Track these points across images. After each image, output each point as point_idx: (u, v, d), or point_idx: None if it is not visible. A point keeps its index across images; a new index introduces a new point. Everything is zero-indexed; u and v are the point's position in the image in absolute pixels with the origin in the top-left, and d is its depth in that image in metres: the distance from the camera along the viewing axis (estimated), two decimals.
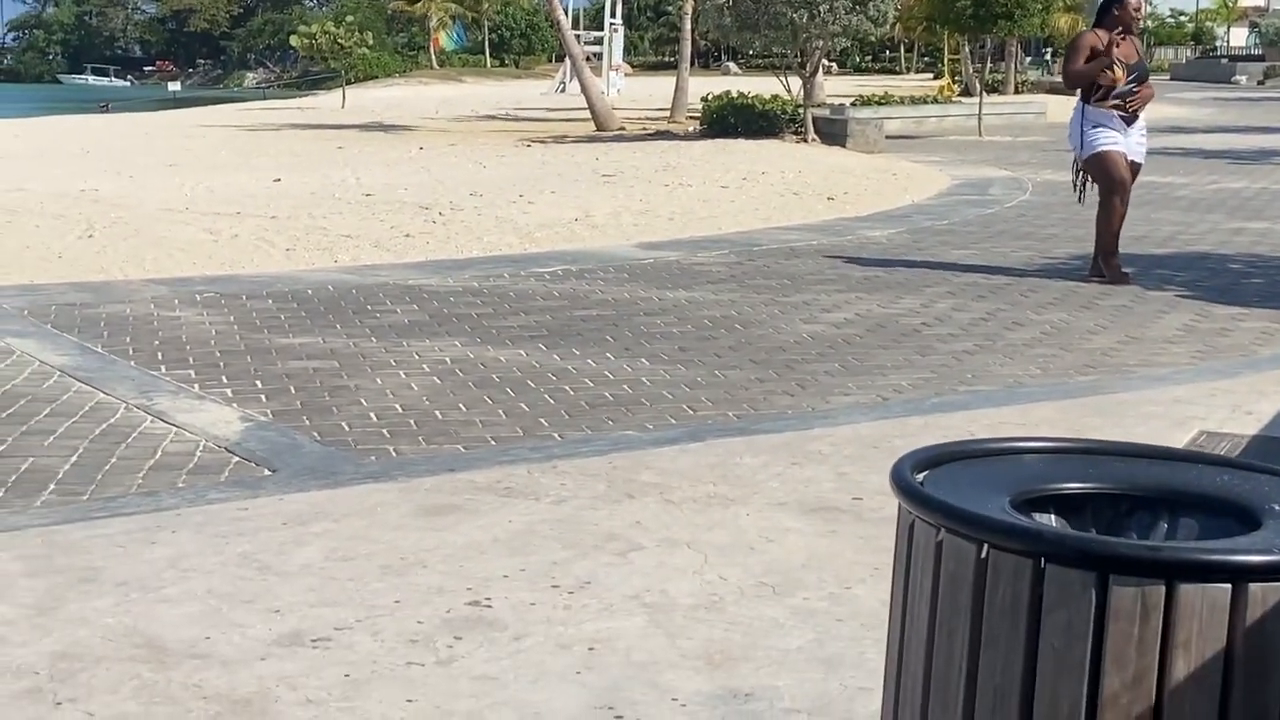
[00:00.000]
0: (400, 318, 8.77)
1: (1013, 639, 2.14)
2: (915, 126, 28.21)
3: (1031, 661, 2.13)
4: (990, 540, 2.16)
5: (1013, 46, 44.70)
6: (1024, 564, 2.13)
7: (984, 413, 6.42)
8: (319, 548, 4.54)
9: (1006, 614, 2.15)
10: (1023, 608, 2.13)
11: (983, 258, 11.36)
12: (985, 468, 2.46)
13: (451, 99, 48.16)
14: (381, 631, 3.88)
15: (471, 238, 12.51)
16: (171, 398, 6.73)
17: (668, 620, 3.98)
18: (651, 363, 7.57)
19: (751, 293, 9.72)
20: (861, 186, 16.84)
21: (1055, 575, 2.10)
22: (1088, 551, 2.11)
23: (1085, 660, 2.08)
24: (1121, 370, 7.44)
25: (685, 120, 29.91)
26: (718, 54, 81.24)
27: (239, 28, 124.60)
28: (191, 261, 11.00)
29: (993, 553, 2.16)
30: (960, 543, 2.20)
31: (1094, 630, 2.08)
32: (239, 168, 20.29)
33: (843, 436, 5.98)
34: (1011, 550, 2.14)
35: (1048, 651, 2.11)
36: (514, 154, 22.92)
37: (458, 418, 6.44)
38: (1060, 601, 2.10)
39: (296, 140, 27.58)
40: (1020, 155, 22.18)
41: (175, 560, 4.40)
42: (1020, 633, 2.13)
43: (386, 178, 18.22)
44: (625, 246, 12.09)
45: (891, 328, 8.53)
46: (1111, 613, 2.06)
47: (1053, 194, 16.39)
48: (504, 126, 31.65)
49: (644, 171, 18.42)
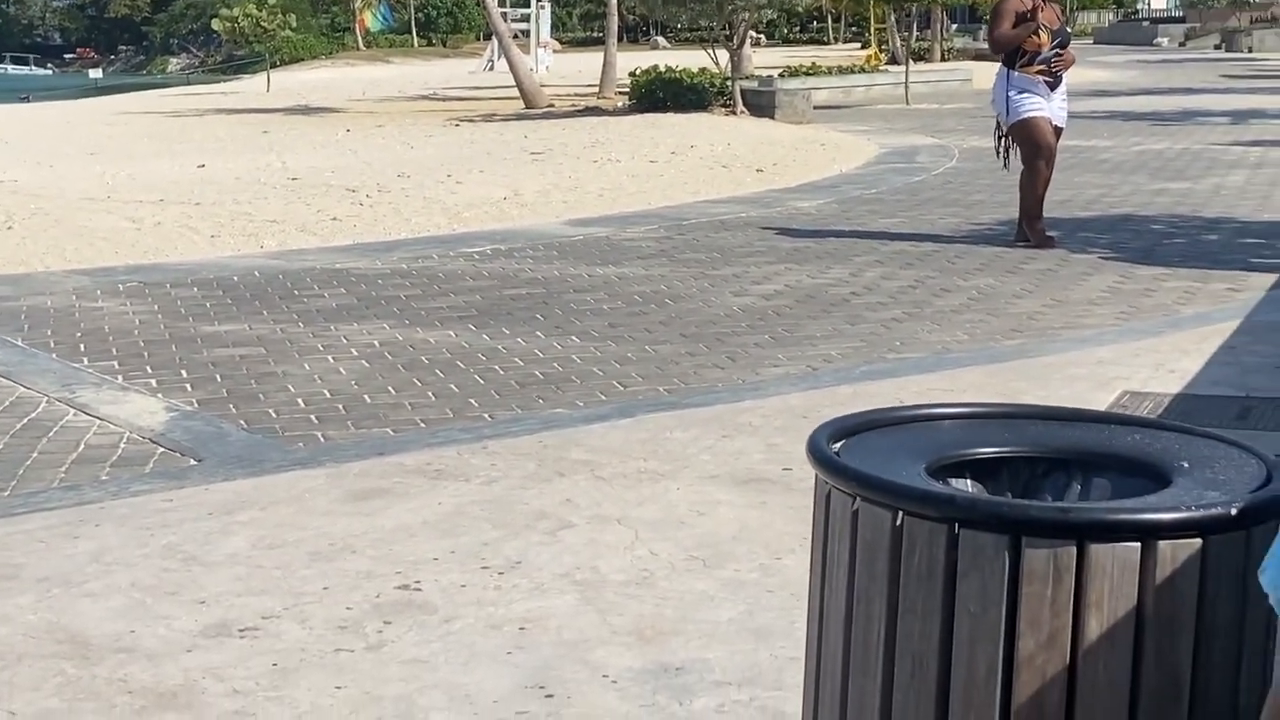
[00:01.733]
0: (328, 302, 8.70)
1: (929, 605, 2.15)
2: (843, 96, 28.27)
3: (948, 626, 2.14)
4: (905, 507, 2.17)
5: (938, 14, 44.87)
6: (938, 530, 2.14)
7: (912, 379, 6.45)
8: (246, 537, 4.50)
9: (922, 580, 2.15)
10: (938, 573, 2.14)
11: (910, 225, 11.41)
12: (901, 435, 2.47)
13: (379, 80, 47.80)
14: (310, 619, 3.85)
15: (399, 219, 12.43)
16: (95, 390, 6.65)
17: (599, 597, 3.97)
18: (582, 340, 7.55)
19: (681, 267, 9.72)
20: (790, 158, 16.86)
21: (969, 540, 2.11)
22: (1000, 515, 2.13)
23: (1000, 623, 2.10)
24: (1047, 333, 7.49)
25: (614, 96, 29.83)
26: (646, 28, 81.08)
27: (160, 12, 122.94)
28: (114, 251, 10.86)
29: (907, 520, 2.17)
30: (876, 510, 2.20)
31: (1008, 593, 2.09)
32: (162, 154, 20.05)
33: (773, 408, 5.99)
34: (926, 517, 2.15)
35: (964, 616, 2.13)
36: (442, 134, 22.79)
37: (387, 401, 6.40)
38: (974, 566, 2.11)
39: (221, 125, 27.30)
40: (947, 122, 22.28)
41: (98, 554, 4.35)
42: (936, 598, 2.14)
43: (313, 161, 18.06)
44: (554, 224, 12.05)
45: (821, 298, 8.55)
46: (1025, 575, 2.07)
47: (979, 160, 16.46)
48: (432, 106, 31.45)
49: (573, 148, 18.36)
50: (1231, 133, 19.05)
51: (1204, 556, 2.05)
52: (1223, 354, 6.74)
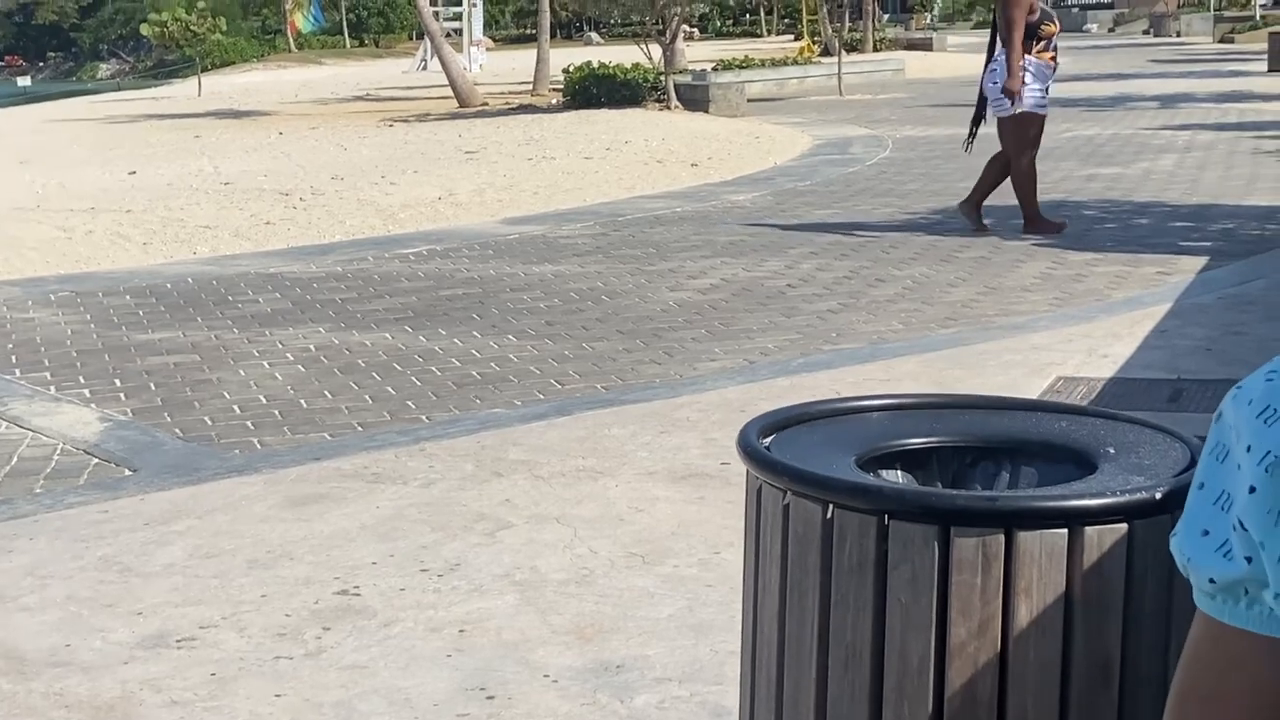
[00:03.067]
0: (263, 307, 8.65)
1: (861, 596, 2.16)
2: (777, 89, 28.36)
3: (880, 617, 2.15)
4: (835, 500, 2.18)
5: (870, 5, 45.06)
6: (868, 521, 2.15)
7: (849, 370, 6.48)
8: (182, 546, 4.47)
9: (854, 572, 2.17)
10: (869, 564, 2.15)
11: (845, 216, 11.46)
12: (831, 428, 2.48)
13: (311, 82, 47.49)
14: (248, 627, 3.83)
15: (334, 222, 12.37)
16: (27, 401, 6.58)
17: (538, 597, 3.97)
18: (519, 339, 7.54)
19: (617, 263, 9.72)
20: (725, 151, 16.90)
21: (899, 531, 2.13)
22: (928, 506, 2.14)
23: (931, 612, 2.11)
24: (981, 321, 7.55)
25: (548, 93, 29.77)
26: (580, 25, 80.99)
27: (89, 18, 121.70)
28: (45, 260, 10.75)
29: (838, 512, 2.18)
30: (806, 504, 2.22)
31: (938, 582, 2.10)
32: (93, 162, 19.86)
33: (710, 402, 6.01)
34: (855, 509, 2.16)
35: (895, 606, 2.14)
36: (376, 135, 22.67)
37: (323, 405, 6.37)
38: (904, 556, 2.12)
39: (152, 131, 27.05)
40: (880, 113, 22.39)
41: (33, 568, 4.31)
42: (868, 589, 2.16)
43: (245, 165, 17.94)
44: (490, 223, 12.03)
45: (757, 291, 8.58)
46: (954, 564, 2.09)
47: (912, 149, 16.57)
48: (365, 107, 31.29)
49: (507, 146, 18.33)
50: (1160, 117, 19.24)
51: (1130, 541, 2.07)
52: (1154, 338, 6.81)
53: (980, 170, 10.28)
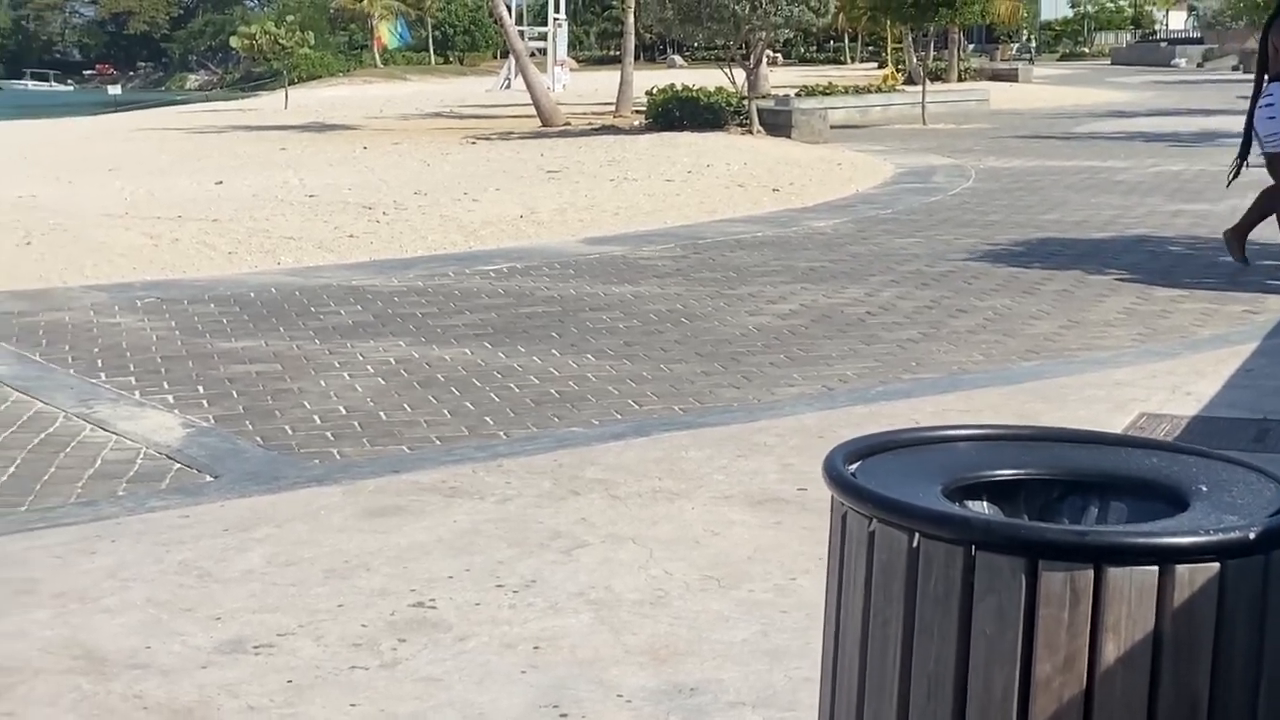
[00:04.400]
0: (344, 319, 8.72)
1: (945, 627, 2.15)
2: (860, 116, 28.30)
3: (964, 648, 2.13)
4: (921, 529, 2.17)
5: (955, 34, 44.90)
6: (955, 552, 2.13)
7: (928, 400, 6.44)
8: (261, 553, 4.51)
9: (939, 602, 2.15)
10: (954, 595, 2.13)
11: (927, 245, 11.40)
12: (917, 456, 2.46)
13: (396, 97, 47.95)
14: (324, 636, 3.85)
15: (416, 237, 12.46)
16: (111, 405, 6.67)
17: (613, 616, 3.97)
18: (597, 358, 7.56)
19: (697, 286, 9.72)
20: (807, 177, 16.87)
21: (985, 562, 2.11)
22: (1017, 538, 2.12)
23: (1017, 646, 2.09)
24: (1064, 354, 7.48)
25: (630, 114, 29.89)
26: (663, 47, 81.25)
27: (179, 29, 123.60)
28: (132, 267, 10.90)
29: (924, 541, 2.16)
30: (892, 532, 2.20)
31: (1025, 615, 2.08)
32: (180, 171, 20.13)
33: (788, 427, 5.99)
34: (942, 539, 2.15)
35: (980, 638, 2.12)
36: (459, 151, 22.84)
37: (402, 418, 6.41)
38: (991, 588, 2.10)
39: (239, 142, 27.40)
40: (964, 143, 22.29)
41: (114, 570, 4.36)
42: (953, 620, 2.14)
43: (330, 178, 18.12)
44: (570, 242, 12.07)
45: (837, 318, 8.55)
46: (1041, 598, 2.07)
47: (995, 180, 16.47)
48: (449, 124, 31.53)
49: (589, 167, 18.39)
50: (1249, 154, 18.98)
51: (1222, 581, 2.04)
52: (1240, 376, 6.72)
53: (1056, 201, 10.19)
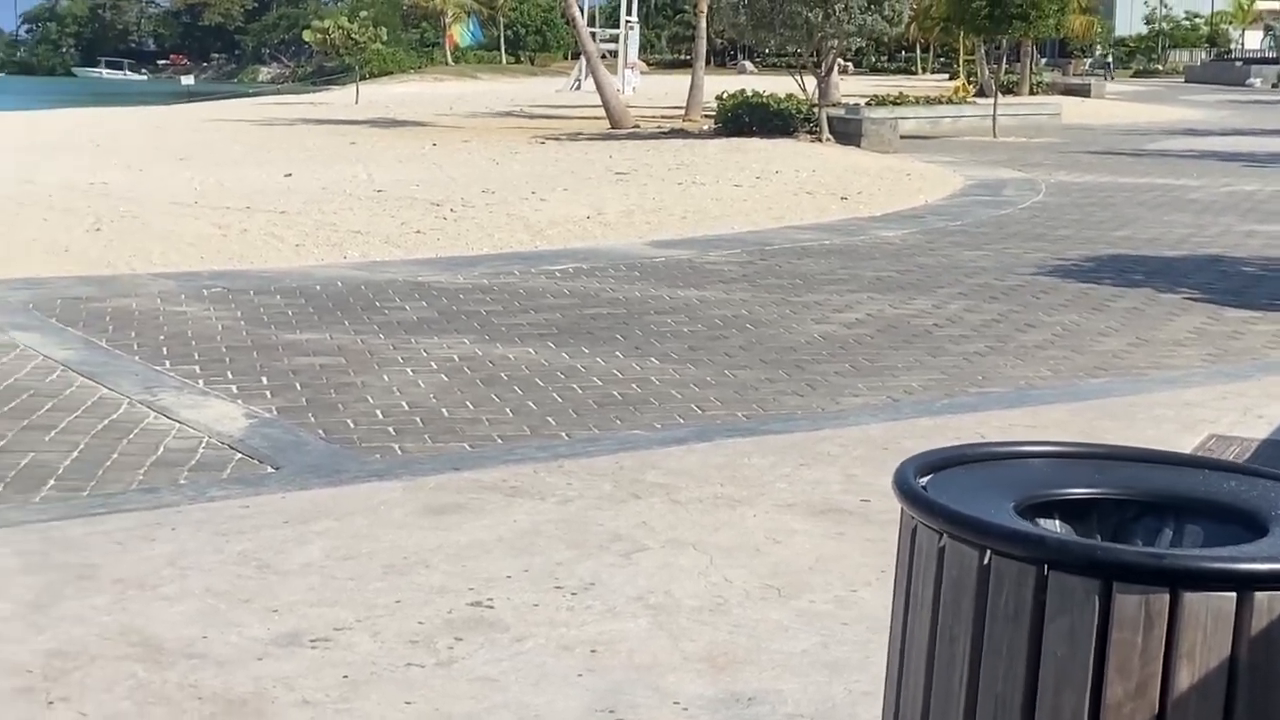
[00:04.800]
0: (409, 314, 8.74)
1: (1015, 645, 2.10)
2: (930, 127, 28.14)
3: (1033, 669, 2.09)
4: (993, 546, 2.12)
5: (1028, 48, 44.57)
6: (1027, 571, 2.09)
7: (994, 414, 6.37)
8: (320, 546, 4.51)
9: (1009, 620, 2.10)
10: (1025, 615, 2.09)
11: (995, 259, 11.30)
12: (990, 472, 2.42)
13: (466, 95, 48.16)
14: (381, 632, 3.84)
15: (482, 234, 12.48)
16: (175, 393, 6.71)
17: (671, 622, 3.94)
18: (661, 362, 7.53)
19: (763, 292, 9.68)
20: (875, 186, 16.78)
21: (1058, 582, 2.06)
22: (1092, 559, 2.07)
23: (1088, 668, 2.04)
24: (1132, 372, 7.38)
25: (700, 118, 29.86)
26: (734, 52, 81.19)
27: (253, 22, 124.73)
28: (199, 256, 10.97)
29: (995, 559, 2.12)
30: (963, 548, 2.16)
31: (1097, 638, 2.03)
32: (250, 162, 20.28)
33: (852, 438, 5.94)
34: (1014, 557, 2.10)
35: (1050, 659, 2.07)
36: (527, 151, 22.89)
37: (465, 416, 6.40)
38: (1063, 609, 2.06)
39: (309, 135, 27.58)
40: (1034, 156, 22.10)
41: (174, 558, 4.37)
42: (1023, 639, 2.09)
43: (398, 174, 18.19)
44: (637, 244, 12.05)
45: (903, 328, 8.48)
46: (1115, 621, 2.02)
47: (1066, 195, 16.32)
48: (518, 123, 31.63)
49: (657, 169, 18.37)
50: None
51: None
52: None
53: (1128, 218, 10.08)
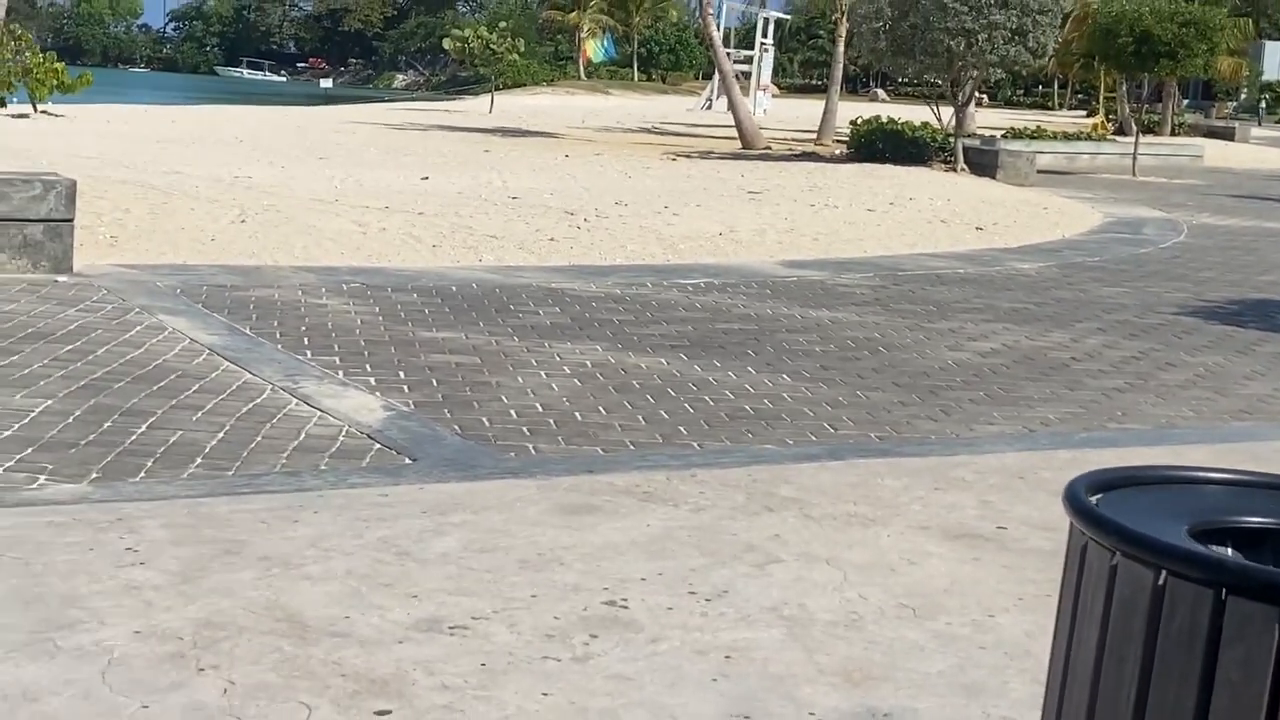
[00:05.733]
0: (542, 319, 8.80)
1: (1187, 670, 2.07)
2: (1067, 163, 27.79)
3: (1206, 694, 2.05)
4: (1169, 567, 2.09)
5: (1171, 87, 43.90)
6: (1204, 594, 2.05)
7: (1134, 451, 6.26)
8: (457, 538, 4.55)
9: (1182, 644, 2.07)
10: (1200, 639, 2.05)
11: (1135, 296, 11.13)
12: (1162, 495, 2.39)
13: (598, 110, 48.46)
14: (518, 624, 3.87)
15: (615, 245, 12.54)
16: (316, 382, 6.81)
17: (805, 635, 3.92)
18: (793, 379, 7.51)
19: (896, 317, 9.62)
20: (1011, 218, 16.61)
21: (1236, 608, 2.03)
22: (1273, 585, 2.03)
23: (1263, 697, 2.00)
24: (1279, 418, 7.23)
25: (832, 143, 29.77)
26: (866, 79, 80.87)
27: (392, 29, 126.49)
28: (340, 252, 11.14)
29: (1171, 580, 2.09)
30: (1137, 568, 2.13)
31: (1275, 667, 2.00)
32: (387, 164, 20.55)
33: (987, 465, 5.87)
34: (1191, 579, 2.07)
35: (1224, 685, 2.04)
36: (659, 167, 22.96)
37: (597, 420, 6.43)
38: (1240, 635, 2.02)
39: (444, 141, 27.90)
40: (1175, 197, 21.76)
41: (316, 540, 4.43)
42: (1196, 664, 2.06)
43: (532, 182, 18.34)
44: (769, 263, 12.04)
45: (1039, 360, 8.39)
46: None
47: (1209, 237, 16.04)
48: (650, 139, 31.75)
49: (790, 191, 18.34)
50: None
51: None
52: None
53: (1274, 263, 9.88)
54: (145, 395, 6.35)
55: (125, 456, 5.45)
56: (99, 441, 5.61)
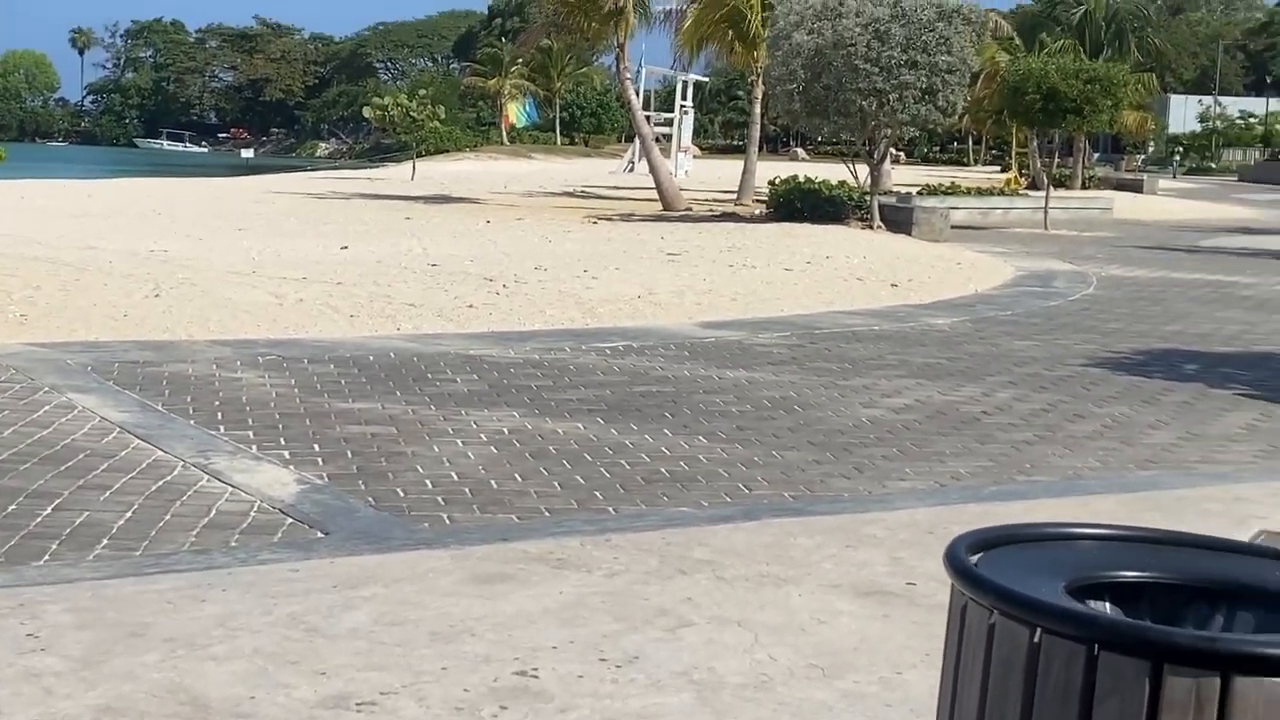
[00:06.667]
0: (460, 387, 8.80)
1: None
2: (981, 217, 28.18)
3: None
4: (1044, 624, 2.14)
5: (1081, 142, 44.66)
6: (1078, 650, 2.10)
7: (1042, 503, 6.34)
8: (368, 612, 4.53)
9: (1058, 700, 2.11)
10: (1075, 694, 2.09)
11: (1045, 349, 11.29)
12: (1040, 552, 2.43)
13: (520, 174, 48.62)
14: (427, 698, 3.86)
15: (534, 310, 12.57)
16: (229, 457, 6.78)
17: (715, 698, 3.94)
18: (709, 440, 7.55)
19: (812, 375, 9.70)
20: (926, 274, 16.81)
21: (1109, 663, 2.07)
22: (1143, 640, 2.08)
23: None
24: (1182, 466, 7.35)
25: (752, 203, 30.03)
26: (785, 139, 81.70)
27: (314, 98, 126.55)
28: (256, 324, 11.10)
29: (1046, 637, 2.13)
30: (1013, 626, 2.17)
31: None
32: (307, 234, 20.51)
33: (898, 521, 5.93)
34: (1066, 636, 2.11)
35: None
36: (580, 230, 23.06)
37: (513, 488, 6.44)
38: (1113, 690, 2.06)
39: (365, 209, 27.88)
40: (1086, 250, 22.09)
41: (224, 619, 4.40)
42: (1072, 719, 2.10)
43: (453, 249, 18.35)
44: (687, 325, 12.11)
45: (951, 415, 8.48)
46: (1165, 704, 2.02)
47: (1117, 289, 16.30)
48: (571, 203, 31.88)
49: (709, 251, 18.47)
50: None
51: None
52: None
53: (1179, 313, 10.06)
54: (52, 476, 6.29)
55: (29, 540, 5.39)
56: (2, 525, 5.55)
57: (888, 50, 21.92)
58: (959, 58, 22.31)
